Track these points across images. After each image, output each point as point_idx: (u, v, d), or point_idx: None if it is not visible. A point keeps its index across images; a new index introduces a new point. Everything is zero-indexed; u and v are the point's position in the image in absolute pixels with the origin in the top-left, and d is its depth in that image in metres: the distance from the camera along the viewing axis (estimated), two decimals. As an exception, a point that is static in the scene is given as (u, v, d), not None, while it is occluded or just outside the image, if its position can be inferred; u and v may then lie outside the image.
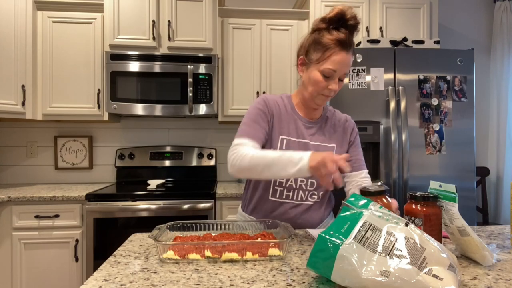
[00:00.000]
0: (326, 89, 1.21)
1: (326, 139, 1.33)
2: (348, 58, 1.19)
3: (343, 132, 1.38)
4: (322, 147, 1.31)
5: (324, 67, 1.18)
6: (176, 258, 0.95)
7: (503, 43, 3.24)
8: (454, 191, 0.93)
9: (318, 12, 2.72)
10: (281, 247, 0.97)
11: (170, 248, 0.96)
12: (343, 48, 1.17)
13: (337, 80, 1.21)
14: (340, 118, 1.40)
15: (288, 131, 1.28)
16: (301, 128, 1.30)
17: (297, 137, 1.29)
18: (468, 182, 2.32)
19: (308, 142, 1.29)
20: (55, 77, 2.60)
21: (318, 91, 1.22)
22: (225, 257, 0.94)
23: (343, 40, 1.17)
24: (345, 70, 1.20)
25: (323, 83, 1.20)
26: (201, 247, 0.96)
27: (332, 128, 1.36)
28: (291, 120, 1.30)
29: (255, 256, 0.96)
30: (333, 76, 1.19)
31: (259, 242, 0.97)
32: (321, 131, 1.34)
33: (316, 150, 1.26)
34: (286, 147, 1.26)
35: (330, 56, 1.18)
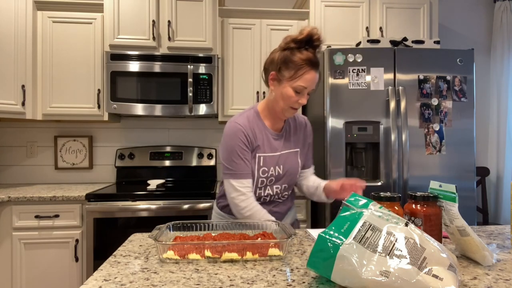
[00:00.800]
0: (297, 103, 1.34)
1: (291, 145, 1.47)
2: (317, 76, 1.34)
3: (304, 136, 1.52)
4: (290, 154, 1.46)
5: (296, 84, 1.31)
6: (176, 258, 0.95)
7: (503, 43, 3.24)
8: (454, 191, 0.93)
9: (318, 12, 2.72)
10: (281, 247, 0.97)
11: (170, 248, 0.96)
12: (313, 67, 1.31)
13: (306, 95, 1.35)
14: (300, 122, 1.53)
15: (263, 149, 1.40)
16: (272, 142, 1.43)
17: (271, 151, 1.42)
18: (468, 182, 2.32)
19: (280, 154, 1.43)
20: (55, 77, 2.60)
21: (289, 105, 1.35)
22: (225, 257, 0.94)
23: (313, 60, 1.31)
24: (313, 87, 1.34)
25: (295, 98, 1.33)
26: (201, 247, 0.96)
27: (294, 133, 1.50)
28: (264, 137, 1.42)
29: (255, 256, 0.96)
30: (303, 92, 1.33)
31: (259, 242, 0.97)
32: (287, 139, 1.47)
33: (286, 159, 1.43)
34: (264, 163, 1.40)
35: (303, 74, 1.30)
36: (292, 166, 1.45)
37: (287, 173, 1.44)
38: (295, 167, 1.46)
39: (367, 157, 2.38)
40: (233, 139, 1.36)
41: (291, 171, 1.45)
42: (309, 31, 1.29)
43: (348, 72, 2.27)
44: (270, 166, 1.40)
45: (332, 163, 2.26)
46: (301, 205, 2.48)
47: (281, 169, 1.42)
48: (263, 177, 1.40)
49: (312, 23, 2.73)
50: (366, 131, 2.29)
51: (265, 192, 1.43)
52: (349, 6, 2.75)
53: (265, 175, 1.40)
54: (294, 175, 1.47)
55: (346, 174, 2.29)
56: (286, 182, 1.45)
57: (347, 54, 2.27)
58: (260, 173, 1.39)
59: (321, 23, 2.73)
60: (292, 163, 1.45)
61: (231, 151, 1.36)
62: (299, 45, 1.31)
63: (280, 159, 1.42)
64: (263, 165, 1.39)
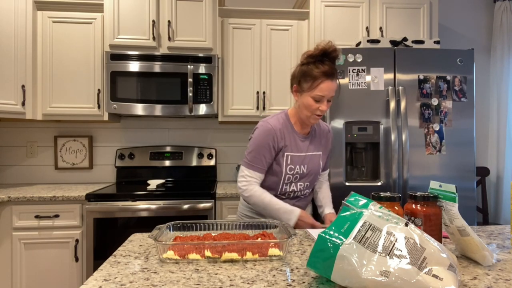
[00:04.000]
0: (318, 110, 1.48)
1: (315, 148, 1.64)
2: (334, 84, 1.47)
3: (326, 142, 1.70)
4: (315, 156, 1.63)
5: (314, 94, 1.46)
6: (176, 258, 0.95)
7: (503, 43, 3.24)
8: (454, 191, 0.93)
9: (318, 12, 2.72)
10: (281, 247, 0.97)
11: (170, 248, 0.96)
12: (328, 77, 1.44)
13: (326, 102, 1.48)
14: (323, 129, 1.70)
15: (291, 148, 1.57)
16: (299, 143, 1.59)
17: (298, 151, 1.58)
18: (468, 182, 2.32)
19: (305, 154, 1.60)
20: (55, 77, 2.60)
21: (312, 113, 1.49)
22: (225, 257, 0.94)
23: (328, 72, 1.44)
24: (332, 94, 1.47)
25: (315, 106, 1.47)
26: (201, 247, 0.96)
27: (318, 138, 1.67)
28: (292, 138, 1.58)
29: (255, 256, 0.96)
30: (322, 100, 1.46)
31: (259, 242, 0.97)
32: (312, 142, 1.64)
33: (310, 159, 1.61)
34: (290, 161, 1.56)
35: (319, 84, 1.45)
36: (314, 166, 1.62)
37: (310, 173, 1.61)
38: (317, 168, 1.64)
39: (367, 157, 2.38)
40: (262, 137, 1.53)
41: (314, 171, 1.62)
42: (323, 46, 1.43)
43: (348, 72, 2.27)
44: (296, 164, 1.57)
45: (332, 163, 2.26)
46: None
47: (306, 168, 1.59)
48: (290, 174, 1.56)
49: (312, 23, 2.73)
50: (366, 131, 2.29)
51: (290, 188, 1.59)
52: (349, 6, 2.75)
53: (291, 173, 1.56)
54: (315, 175, 1.65)
55: (346, 174, 2.29)
56: (308, 180, 1.63)
57: (347, 54, 2.27)
58: (288, 170, 1.55)
59: (321, 23, 2.73)
60: (315, 164, 1.62)
61: (256, 145, 1.53)
62: (315, 59, 1.46)
63: (305, 159, 1.59)
64: (290, 163, 1.56)
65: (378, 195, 1.01)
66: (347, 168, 2.34)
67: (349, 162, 2.37)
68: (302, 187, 1.63)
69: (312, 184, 1.67)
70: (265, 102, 2.76)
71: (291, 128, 1.59)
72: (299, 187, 1.62)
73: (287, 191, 1.60)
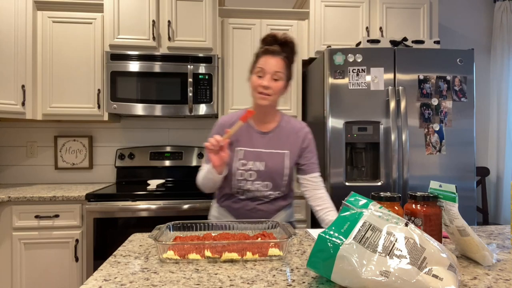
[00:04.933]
0: (260, 86, 1.42)
1: (278, 146, 1.53)
2: (276, 60, 1.43)
3: (296, 140, 1.56)
4: (276, 154, 1.52)
5: (255, 69, 1.45)
6: (176, 258, 0.95)
7: (503, 43, 3.24)
8: (454, 191, 0.93)
9: (318, 12, 2.72)
10: (281, 247, 0.97)
11: (170, 248, 0.96)
12: (270, 53, 1.44)
13: (269, 78, 1.42)
14: (294, 127, 1.58)
15: (244, 143, 1.51)
16: (255, 138, 1.52)
17: (252, 146, 1.51)
18: (468, 182, 2.32)
19: (262, 151, 1.51)
20: (55, 77, 2.60)
21: (257, 91, 1.44)
22: (225, 257, 0.94)
23: (271, 49, 1.44)
24: (273, 68, 1.42)
25: (257, 82, 1.43)
26: (201, 247, 0.95)
27: (285, 136, 1.55)
28: (247, 132, 1.52)
29: (255, 256, 0.95)
30: (263, 74, 1.42)
31: (259, 242, 0.97)
32: (275, 139, 1.53)
33: (269, 157, 1.50)
34: (244, 156, 1.50)
35: (259, 59, 1.45)
36: (276, 165, 1.50)
37: (269, 171, 1.49)
38: (280, 167, 1.51)
39: (367, 157, 2.38)
40: (213, 131, 1.54)
41: (273, 170, 1.50)
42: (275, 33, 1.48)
43: (348, 72, 2.27)
44: (250, 160, 1.49)
45: (332, 163, 2.26)
46: (301, 205, 2.48)
47: (264, 166, 1.49)
48: (242, 170, 1.48)
49: (312, 23, 2.73)
50: (366, 131, 2.29)
51: (245, 186, 1.50)
52: (349, 6, 2.75)
53: (244, 168, 1.49)
54: (278, 176, 1.51)
55: (346, 174, 2.29)
56: (269, 180, 1.50)
57: (347, 54, 2.27)
58: (239, 165, 1.48)
59: (321, 23, 2.73)
60: (276, 163, 1.50)
61: None
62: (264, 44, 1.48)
63: (262, 156, 1.50)
64: (243, 158, 1.49)
65: (378, 195, 1.01)
66: (347, 168, 2.34)
67: (349, 162, 2.37)
68: (261, 187, 1.51)
69: (277, 187, 1.53)
70: (265, 102, 2.75)
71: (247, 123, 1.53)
72: (256, 186, 1.50)
73: (242, 188, 1.51)
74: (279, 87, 1.45)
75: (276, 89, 1.44)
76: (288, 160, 1.53)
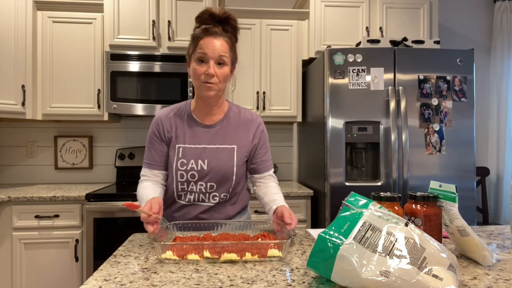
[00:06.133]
0: (204, 75, 1.23)
1: (225, 140, 1.35)
2: (217, 41, 1.24)
3: (246, 132, 1.38)
4: (222, 150, 1.34)
5: (196, 54, 1.24)
6: (175, 259, 0.94)
7: (503, 43, 3.24)
8: (454, 191, 0.93)
9: (318, 12, 2.72)
10: (281, 248, 0.97)
11: (169, 248, 0.96)
12: (209, 34, 1.24)
13: (213, 64, 1.23)
14: (245, 118, 1.40)
15: (184, 139, 1.33)
16: (198, 133, 1.34)
17: (193, 143, 1.33)
18: (468, 182, 2.32)
19: (205, 147, 1.33)
20: (55, 77, 2.60)
21: (200, 80, 1.24)
22: (224, 258, 0.94)
23: (209, 28, 1.25)
24: (217, 52, 1.23)
25: (200, 70, 1.23)
26: (200, 247, 0.95)
27: (234, 129, 1.37)
28: (187, 127, 1.34)
29: (254, 257, 0.95)
30: (206, 60, 1.23)
31: (258, 243, 0.97)
32: (222, 133, 1.35)
33: (213, 154, 1.32)
34: (183, 155, 1.32)
35: (199, 42, 1.24)
36: (220, 163, 1.32)
37: (213, 171, 1.31)
38: (226, 165, 1.33)
39: (367, 157, 2.38)
40: (150, 129, 1.37)
41: (219, 168, 1.32)
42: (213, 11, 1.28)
43: (348, 72, 2.27)
44: (191, 159, 1.31)
45: (332, 163, 2.26)
46: (301, 205, 2.48)
47: (205, 165, 1.31)
48: (182, 171, 1.31)
49: (312, 23, 2.73)
50: (366, 131, 2.29)
51: (188, 188, 1.32)
52: (349, 6, 2.75)
53: (184, 169, 1.30)
54: (224, 175, 1.33)
55: (346, 174, 2.29)
56: (214, 181, 1.32)
57: (347, 54, 2.27)
58: (179, 165, 1.31)
59: (321, 23, 2.73)
60: (222, 160, 1.32)
61: (147, 138, 1.38)
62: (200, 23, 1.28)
63: (205, 153, 1.32)
64: (182, 157, 1.31)
65: (378, 195, 1.01)
66: (347, 168, 2.34)
67: (349, 162, 2.37)
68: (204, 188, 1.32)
69: (223, 188, 1.34)
70: (265, 102, 2.76)
71: (187, 116, 1.35)
72: (199, 188, 1.32)
73: (185, 190, 1.33)
74: (225, 73, 1.27)
75: (222, 76, 1.26)
76: (236, 156, 1.34)
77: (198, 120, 1.35)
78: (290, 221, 1.15)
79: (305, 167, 2.87)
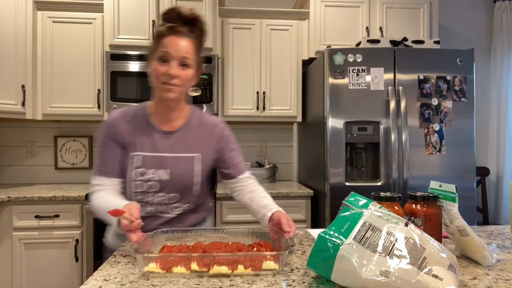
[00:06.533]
0: (165, 75, 1.15)
1: (188, 148, 1.27)
2: (182, 41, 1.17)
3: (209, 139, 1.31)
4: (183, 158, 1.25)
5: (158, 53, 1.16)
6: (159, 272, 0.85)
7: (503, 43, 3.24)
8: (454, 191, 0.93)
9: (318, 12, 2.72)
10: (278, 260, 0.87)
11: (152, 260, 0.86)
12: (174, 33, 1.16)
13: (176, 65, 1.16)
14: (208, 124, 1.33)
15: (142, 147, 1.23)
16: (157, 141, 1.24)
17: (152, 151, 1.23)
18: (468, 182, 2.32)
19: (165, 155, 1.24)
20: (55, 77, 2.60)
21: (161, 81, 1.16)
22: (214, 271, 0.85)
23: (175, 27, 1.17)
24: (181, 53, 1.15)
25: (161, 70, 1.15)
26: (188, 259, 0.86)
27: (196, 136, 1.29)
28: (145, 133, 1.24)
29: (248, 270, 0.86)
30: (168, 59, 1.15)
31: (253, 255, 0.88)
32: (183, 140, 1.27)
33: (175, 163, 1.23)
34: (143, 164, 1.22)
35: (162, 40, 1.16)
36: (183, 173, 1.24)
37: (176, 181, 1.23)
38: (188, 174, 1.25)
39: (367, 157, 2.38)
40: (101, 133, 1.25)
41: (181, 178, 1.24)
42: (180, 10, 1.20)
43: (348, 72, 2.27)
44: (151, 168, 1.22)
45: (332, 163, 2.26)
46: (301, 205, 2.48)
47: (168, 174, 1.23)
48: (140, 180, 1.21)
49: (312, 23, 2.73)
50: (366, 131, 2.29)
51: (146, 199, 1.24)
52: (349, 6, 2.75)
53: (143, 179, 1.21)
54: (186, 185, 1.26)
55: (346, 174, 2.29)
56: (176, 191, 1.25)
57: (347, 54, 2.27)
58: (134, 175, 1.21)
59: (321, 23, 2.73)
60: (184, 170, 1.25)
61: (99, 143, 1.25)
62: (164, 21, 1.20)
63: (167, 162, 1.23)
64: (142, 166, 1.22)
65: (378, 195, 1.01)
66: (347, 168, 2.34)
67: (349, 162, 2.37)
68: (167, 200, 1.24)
69: (186, 199, 1.27)
70: (265, 102, 2.76)
71: (145, 120, 1.25)
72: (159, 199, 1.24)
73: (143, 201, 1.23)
74: (189, 76, 1.19)
75: (185, 78, 1.18)
76: (199, 165, 1.27)
77: (157, 126, 1.26)
78: (288, 228, 1.06)
79: (305, 167, 2.87)
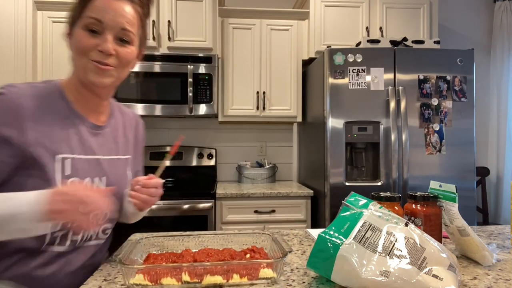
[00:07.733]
0: (95, 51, 0.83)
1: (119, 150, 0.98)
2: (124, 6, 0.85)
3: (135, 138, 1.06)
4: (117, 162, 0.96)
5: (84, 19, 0.83)
6: (146, 284, 0.77)
7: (503, 43, 3.24)
8: (454, 191, 0.93)
9: (318, 12, 2.72)
10: (275, 267, 0.83)
11: (139, 271, 0.78)
12: None
13: (111, 38, 0.84)
14: (129, 117, 1.07)
15: (69, 144, 0.85)
16: (86, 137, 0.90)
17: (84, 152, 0.88)
18: (468, 182, 2.32)
19: (99, 158, 0.92)
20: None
21: (89, 58, 0.84)
22: (207, 282, 0.79)
23: None
24: (120, 21, 0.84)
25: (89, 42, 0.83)
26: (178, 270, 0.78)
27: (123, 132, 1.02)
28: (69, 124, 0.87)
29: (244, 279, 0.81)
30: (100, 29, 0.84)
31: (249, 263, 0.83)
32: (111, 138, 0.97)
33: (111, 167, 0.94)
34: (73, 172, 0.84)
35: (92, 2, 0.83)
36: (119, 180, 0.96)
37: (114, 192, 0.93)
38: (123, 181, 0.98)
39: (367, 157, 2.38)
40: None
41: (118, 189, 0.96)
42: None
43: (348, 72, 2.27)
44: (86, 176, 0.88)
45: (332, 163, 2.26)
46: (301, 205, 2.48)
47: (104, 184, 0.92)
48: None
49: (312, 23, 2.73)
50: (366, 131, 2.29)
51: None
52: (349, 6, 2.75)
53: None
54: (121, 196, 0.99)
55: (346, 174, 2.29)
56: None
57: (347, 54, 2.27)
58: None
59: (321, 23, 2.73)
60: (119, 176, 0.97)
61: None
62: None
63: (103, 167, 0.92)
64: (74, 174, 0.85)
65: (378, 195, 1.01)
66: (347, 168, 2.34)
67: (349, 162, 2.37)
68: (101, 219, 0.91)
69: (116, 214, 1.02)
70: (265, 102, 2.76)
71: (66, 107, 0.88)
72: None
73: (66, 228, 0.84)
74: (130, 56, 0.89)
75: (125, 58, 0.88)
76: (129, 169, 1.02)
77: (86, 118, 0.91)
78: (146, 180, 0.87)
79: (305, 167, 2.87)
